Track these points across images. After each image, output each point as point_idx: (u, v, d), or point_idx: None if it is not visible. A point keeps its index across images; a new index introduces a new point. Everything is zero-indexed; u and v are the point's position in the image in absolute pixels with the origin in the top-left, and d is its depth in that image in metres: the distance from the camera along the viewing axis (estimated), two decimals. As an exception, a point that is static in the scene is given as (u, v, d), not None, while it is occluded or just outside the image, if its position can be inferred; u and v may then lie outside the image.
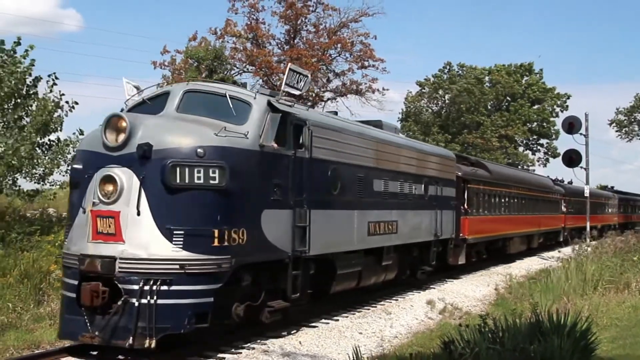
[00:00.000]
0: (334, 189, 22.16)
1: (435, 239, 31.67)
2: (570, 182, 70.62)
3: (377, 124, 28.68)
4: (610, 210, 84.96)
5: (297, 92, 20.59)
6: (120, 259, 15.85)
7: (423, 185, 30.48)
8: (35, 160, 31.62)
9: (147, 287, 15.68)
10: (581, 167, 46.46)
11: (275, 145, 18.64)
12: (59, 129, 33.22)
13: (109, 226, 16.18)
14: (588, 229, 46.80)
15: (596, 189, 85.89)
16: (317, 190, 20.87)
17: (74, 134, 32.83)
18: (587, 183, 47.75)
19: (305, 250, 19.98)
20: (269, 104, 18.88)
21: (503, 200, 45.92)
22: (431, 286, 32.26)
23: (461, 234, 36.20)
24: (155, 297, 15.66)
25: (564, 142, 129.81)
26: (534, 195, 54.81)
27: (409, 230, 28.89)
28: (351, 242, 23.54)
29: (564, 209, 64.62)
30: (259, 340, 19.14)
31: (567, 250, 46.55)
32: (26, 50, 32.25)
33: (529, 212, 52.51)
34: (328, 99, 59.71)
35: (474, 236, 38.27)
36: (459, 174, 36.84)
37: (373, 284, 27.01)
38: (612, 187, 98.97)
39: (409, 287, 30.57)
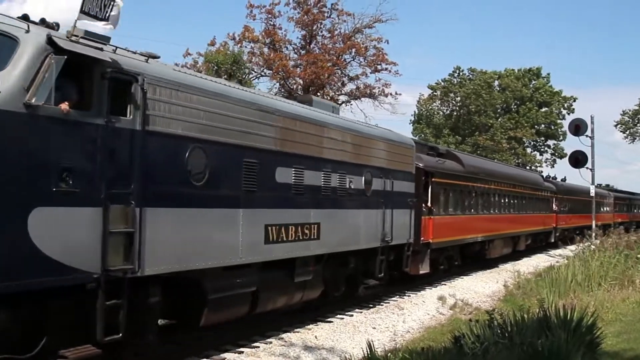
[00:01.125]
0: (197, 179, 15.23)
1: (383, 245, 24.95)
2: (564, 180, 66.20)
3: (305, 100, 22.98)
4: (605, 209, 78.71)
5: (103, 29, 12.99)
6: None
7: (364, 178, 23.49)
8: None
9: None
10: (587, 168, 46.40)
11: (67, 107, 11.97)
12: None
13: None
14: (594, 226, 46.53)
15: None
16: (159, 180, 14.22)
17: None
18: (593, 183, 47.67)
19: (133, 269, 13.38)
20: (51, 41, 11.91)
21: (481, 198, 39.47)
22: (442, 283, 32.35)
23: (423, 238, 29.60)
24: None
25: (571, 144, 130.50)
26: (521, 192, 48.55)
27: (341, 236, 22.14)
28: (232, 253, 16.55)
29: (555, 207, 59.45)
30: (276, 335, 19.27)
31: (558, 252, 47.15)
32: None
33: (515, 211, 46.65)
34: (343, 102, 59.82)
35: (440, 240, 31.78)
36: (420, 165, 29.88)
37: (283, 307, 20.33)
38: (608, 185, 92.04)
39: (421, 284, 30.67)
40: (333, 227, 21.40)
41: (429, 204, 31.02)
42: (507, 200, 45.18)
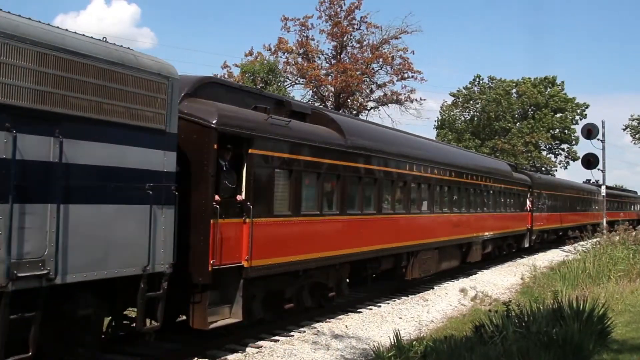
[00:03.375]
0: None
1: (16, 288, 10.62)
2: (549, 173, 60.72)
3: None
4: (595, 207, 66.34)
5: None
6: None
7: None
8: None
9: None
10: (598, 169, 46.07)
11: None
12: None
13: None
14: (604, 223, 46.09)
15: (578, 183, 68.33)
16: None
17: None
18: (604, 183, 47.33)
19: None
20: None
21: (389, 190, 24.40)
22: (463, 276, 32.21)
23: (214, 260, 15.14)
24: None
25: (583, 147, 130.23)
26: (474, 184, 33.76)
27: None
28: None
29: (529, 204, 45.54)
30: (309, 324, 19.37)
31: (570, 247, 39.04)
32: None
33: (463, 208, 32.12)
34: (371, 108, 60.20)
35: (273, 260, 17.32)
36: (211, 122, 15.42)
37: None
38: (597, 181, 72.43)
39: (444, 277, 30.66)
40: None
41: (241, 197, 16.35)
42: (448, 193, 30.59)
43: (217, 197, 15.30)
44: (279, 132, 17.74)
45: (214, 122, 15.38)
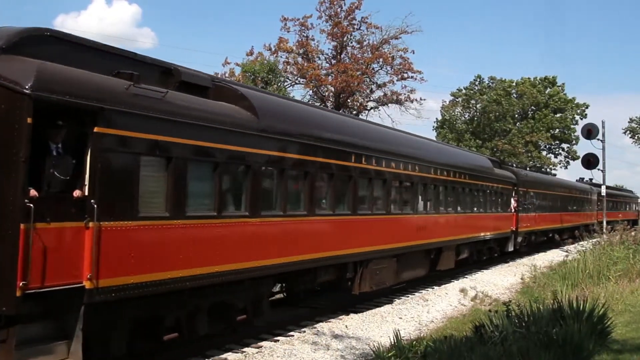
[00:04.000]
0: None
1: None
2: (548, 172, 58.13)
3: None
4: (589, 207, 63.90)
5: None
6: None
7: None
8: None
9: None
10: (598, 169, 46.06)
11: None
12: None
13: None
14: (605, 223, 46.01)
15: (571, 181, 65.73)
16: None
17: None
18: (604, 183, 47.30)
19: None
20: None
21: (326, 186, 19.84)
22: (464, 276, 32.19)
23: (30, 282, 10.59)
24: None
25: (583, 147, 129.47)
26: (446, 180, 29.53)
27: None
28: None
29: (514, 204, 41.37)
30: (309, 324, 19.40)
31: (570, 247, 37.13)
32: None
33: (431, 209, 28.03)
34: (371, 108, 60.24)
35: (136, 278, 12.62)
36: (24, 87, 10.77)
37: None
38: (591, 180, 64.30)
39: (445, 277, 30.63)
40: None
41: (80, 192, 11.67)
42: (410, 191, 25.95)
43: (32, 192, 10.76)
44: (148, 106, 13.04)
45: (27, 85, 10.75)
